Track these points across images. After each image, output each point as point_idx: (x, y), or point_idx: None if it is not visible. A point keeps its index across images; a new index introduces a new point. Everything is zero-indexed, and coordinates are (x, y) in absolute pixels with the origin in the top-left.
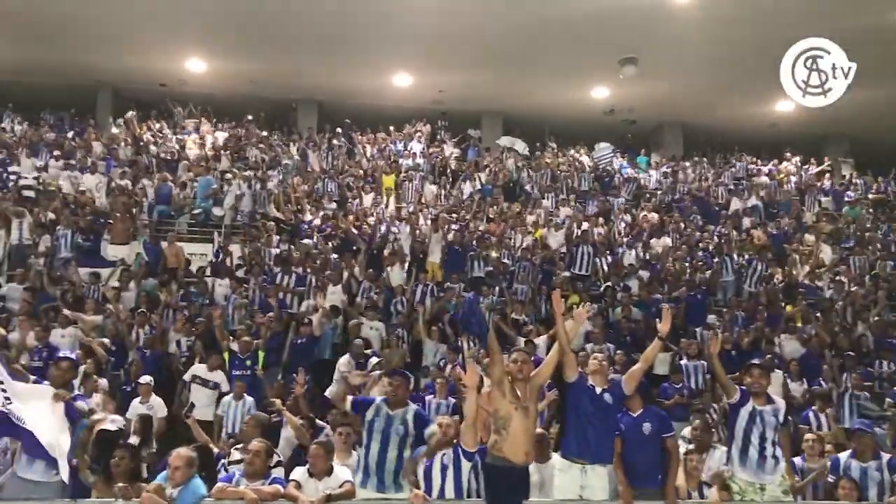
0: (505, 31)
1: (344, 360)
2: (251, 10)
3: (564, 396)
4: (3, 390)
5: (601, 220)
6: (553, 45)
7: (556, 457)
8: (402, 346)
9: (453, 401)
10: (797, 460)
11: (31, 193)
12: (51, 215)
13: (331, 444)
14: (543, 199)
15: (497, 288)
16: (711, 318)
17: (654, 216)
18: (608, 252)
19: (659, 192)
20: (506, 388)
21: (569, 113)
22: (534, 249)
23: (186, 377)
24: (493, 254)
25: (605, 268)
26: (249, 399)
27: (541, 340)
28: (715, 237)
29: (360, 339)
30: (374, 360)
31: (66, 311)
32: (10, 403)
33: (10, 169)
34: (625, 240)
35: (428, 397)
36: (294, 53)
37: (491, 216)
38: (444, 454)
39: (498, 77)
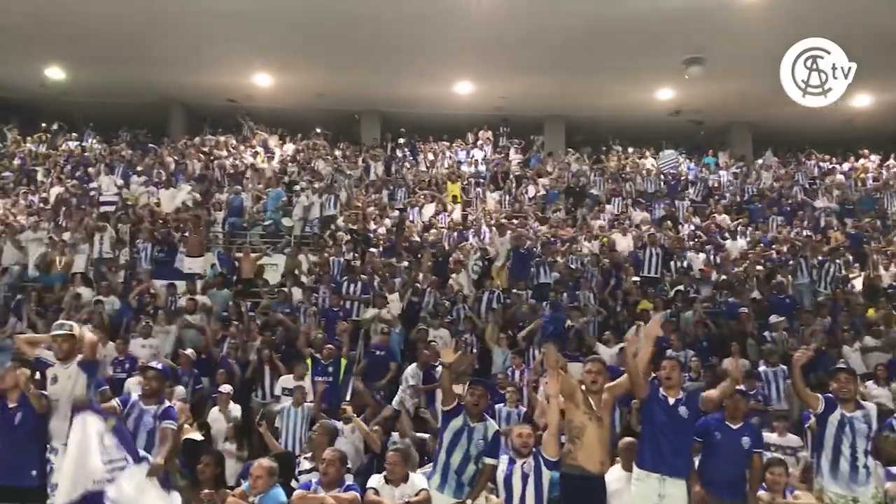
0: (567, 34)
1: (411, 370)
2: (316, 24)
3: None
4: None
5: (669, 222)
6: (616, 47)
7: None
8: (470, 352)
9: (524, 409)
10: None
11: (111, 209)
12: (129, 229)
13: (408, 452)
14: (609, 202)
15: (564, 294)
16: (773, 317)
17: (725, 218)
18: (677, 255)
19: (728, 194)
20: (579, 399)
21: (633, 115)
22: (601, 254)
23: (277, 391)
24: (560, 259)
25: (675, 272)
26: (307, 406)
27: (614, 349)
28: (790, 238)
29: (428, 348)
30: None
31: (146, 323)
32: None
33: (91, 185)
34: (694, 243)
35: (498, 406)
36: (357, 66)
37: (556, 221)
38: (524, 462)
39: (560, 81)
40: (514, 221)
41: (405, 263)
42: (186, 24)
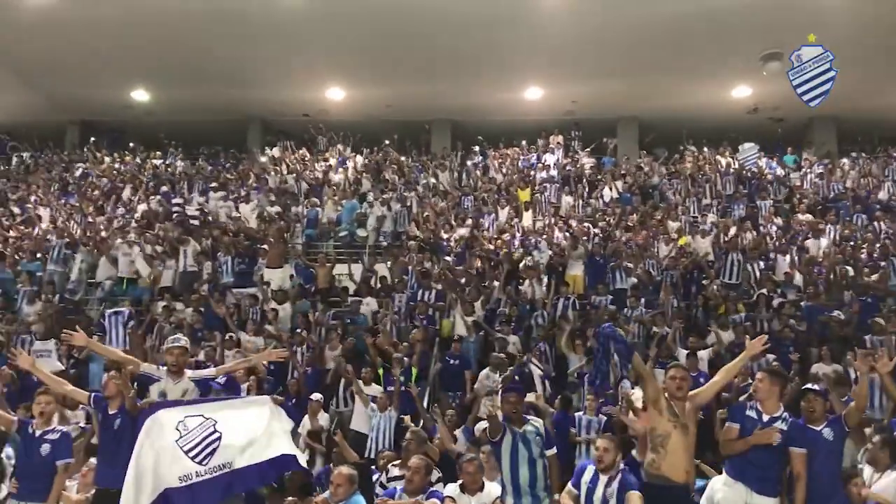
0: (638, 34)
1: (484, 374)
2: (386, 37)
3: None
4: (207, 429)
5: (749, 224)
6: (690, 45)
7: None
8: (545, 361)
9: (604, 418)
10: None
11: (194, 223)
12: (211, 243)
13: (483, 461)
14: (685, 204)
15: (643, 299)
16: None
17: (809, 217)
18: (759, 258)
19: (811, 193)
20: (662, 406)
21: (708, 114)
22: (679, 258)
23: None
24: (638, 264)
25: (758, 275)
26: (393, 411)
27: (703, 354)
28: (881, 238)
29: (501, 355)
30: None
31: (231, 333)
32: (215, 443)
33: (175, 201)
34: (777, 244)
35: (578, 414)
36: (427, 76)
37: (631, 225)
38: (608, 479)
39: (632, 82)
40: (588, 226)
41: (478, 271)
42: (263, 43)
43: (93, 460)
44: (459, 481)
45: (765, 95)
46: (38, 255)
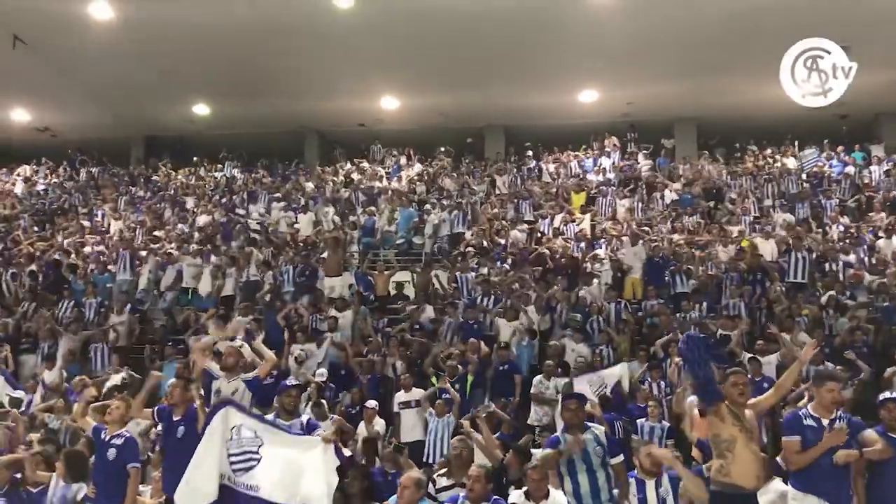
0: (695, 33)
1: (537, 380)
2: (439, 44)
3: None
4: (252, 448)
5: (815, 223)
6: (750, 41)
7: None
8: (605, 366)
9: (667, 424)
10: None
11: (255, 234)
12: (272, 252)
13: (546, 469)
14: (747, 205)
15: (704, 304)
16: None
17: (881, 216)
18: (827, 258)
19: (882, 190)
20: (724, 412)
21: (770, 112)
22: (741, 259)
23: (395, 407)
24: (699, 267)
25: (825, 276)
26: (450, 417)
27: (771, 358)
28: None
29: (551, 362)
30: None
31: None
32: (250, 465)
33: (238, 211)
34: (843, 244)
35: (640, 420)
36: (480, 82)
37: (691, 227)
38: (657, 483)
39: (690, 82)
40: (647, 229)
41: (536, 276)
42: (318, 56)
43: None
44: (524, 488)
45: None
46: (108, 267)
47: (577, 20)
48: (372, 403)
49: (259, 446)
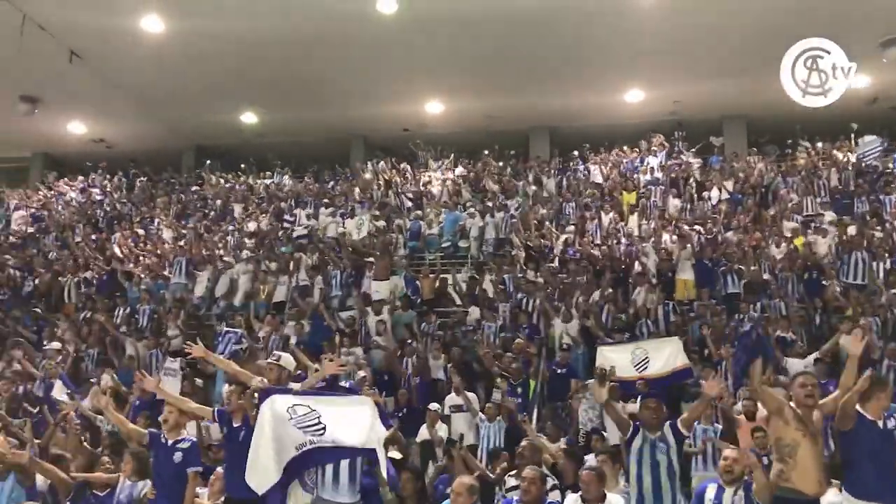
0: (745, 27)
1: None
2: (483, 47)
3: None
4: (314, 419)
5: (874, 220)
6: (799, 36)
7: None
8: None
9: (720, 426)
10: None
11: (304, 240)
12: (320, 257)
13: (603, 470)
14: (802, 202)
15: (758, 304)
16: None
17: None
18: (887, 256)
19: None
20: (788, 415)
21: (823, 108)
22: (795, 258)
23: (446, 410)
24: (752, 267)
25: (885, 274)
26: (501, 421)
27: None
28: None
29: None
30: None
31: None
32: (321, 431)
33: (286, 218)
34: None
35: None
36: (525, 84)
37: (742, 226)
38: (734, 493)
39: (739, 79)
40: (697, 228)
41: (584, 278)
42: (363, 63)
43: (220, 469)
44: (580, 492)
45: (886, 84)
46: (162, 274)
47: (622, 20)
48: (434, 406)
49: (318, 416)
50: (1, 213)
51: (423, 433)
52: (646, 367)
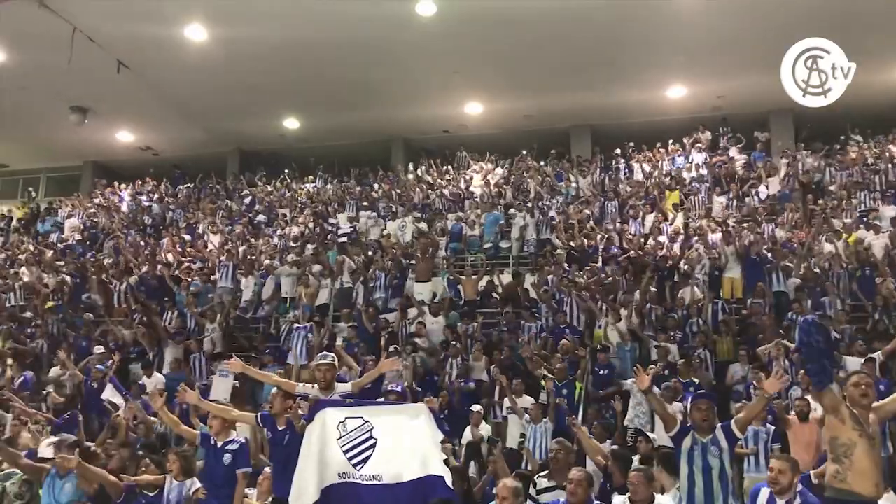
0: (788, 19)
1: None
2: (521, 47)
3: None
4: (365, 433)
5: None
6: (851, 26)
7: None
8: (705, 369)
9: (772, 428)
10: None
11: (347, 241)
12: (363, 260)
13: (651, 472)
14: (853, 198)
15: (809, 302)
16: None
17: None
18: None
19: None
20: (844, 414)
21: (874, 100)
22: (847, 256)
23: (503, 412)
24: (802, 264)
25: None
26: (547, 422)
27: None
28: None
29: (658, 366)
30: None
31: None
32: (370, 450)
33: (330, 221)
34: None
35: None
36: (565, 83)
37: (791, 223)
38: (787, 500)
39: None
40: (743, 225)
41: (627, 277)
42: (402, 65)
43: (267, 469)
44: (627, 494)
45: None
46: (210, 279)
47: (663, 13)
48: (477, 407)
49: (371, 430)
50: (54, 220)
51: (468, 434)
52: None
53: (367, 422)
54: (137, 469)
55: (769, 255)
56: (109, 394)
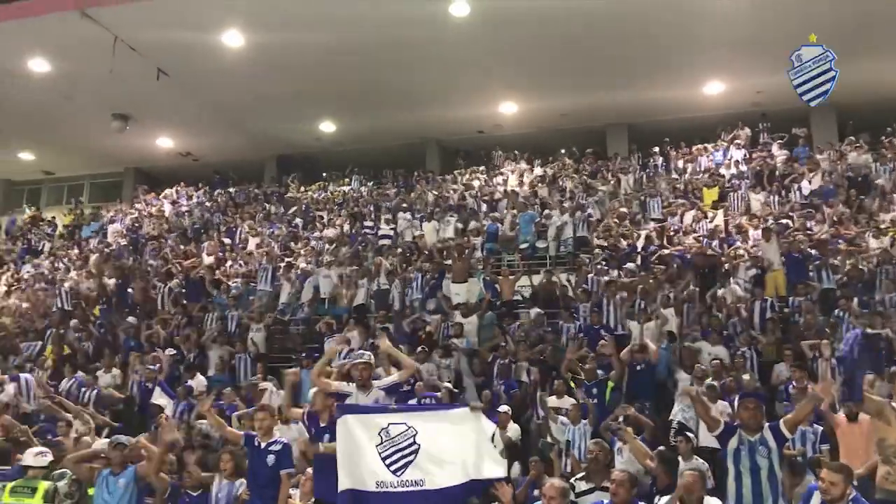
0: (833, 9)
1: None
2: (556, 46)
3: None
4: (408, 439)
5: None
6: (892, 19)
7: None
8: (750, 369)
9: (819, 428)
10: None
11: (385, 243)
12: (399, 261)
13: (703, 473)
14: None
15: (855, 300)
16: None
17: None
18: None
19: None
20: (890, 415)
21: None
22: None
23: (542, 412)
24: (847, 260)
25: None
26: (585, 424)
27: None
28: None
29: (701, 366)
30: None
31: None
32: (412, 455)
33: (366, 224)
34: None
35: None
36: (601, 81)
37: (836, 218)
38: None
39: None
40: (785, 222)
41: (668, 276)
42: (436, 67)
43: (309, 470)
44: (673, 494)
45: None
46: (250, 282)
47: (699, 8)
48: (504, 408)
49: (414, 436)
50: (98, 226)
51: (496, 436)
52: None
53: (410, 427)
54: (182, 470)
55: (814, 251)
56: (158, 396)
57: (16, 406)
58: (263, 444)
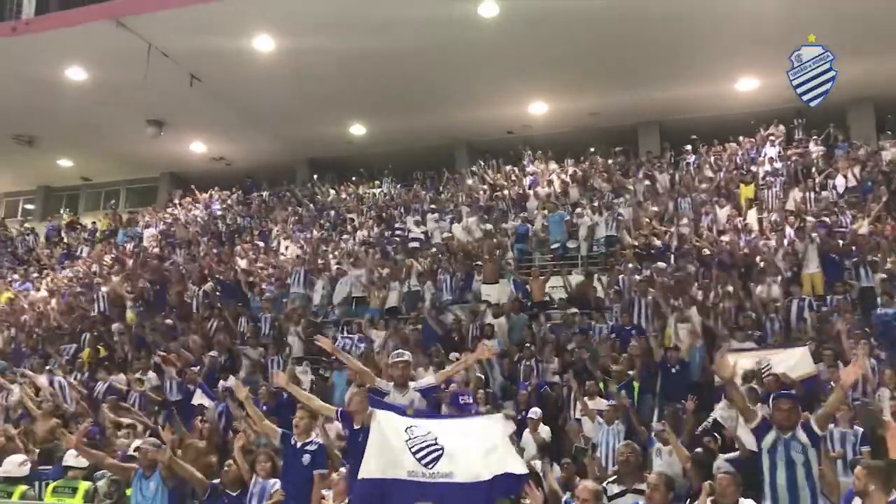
0: (867, 6)
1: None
2: (585, 44)
3: None
4: (431, 440)
5: None
6: None
7: None
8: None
9: (860, 430)
10: None
11: (415, 245)
12: (429, 263)
13: (739, 475)
14: None
15: None
16: None
17: None
18: None
19: None
20: None
21: None
22: None
23: (577, 414)
24: (887, 258)
25: None
26: (619, 425)
27: None
28: None
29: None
30: None
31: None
32: (438, 453)
33: (396, 226)
34: None
35: (829, 426)
36: (632, 79)
37: (875, 215)
38: None
39: (866, 60)
40: (823, 220)
41: (702, 275)
42: (465, 68)
43: (343, 470)
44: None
45: None
46: (283, 284)
47: (731, 6)
48: (535, 412)
49: (435, 438)
50: (133, 230)
51: (527, 439)
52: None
53: (429, 432)
54: (221, 469)
55: (853, 248)
56: (198, 397)
57: (56, 407)
58: (300, 444)
